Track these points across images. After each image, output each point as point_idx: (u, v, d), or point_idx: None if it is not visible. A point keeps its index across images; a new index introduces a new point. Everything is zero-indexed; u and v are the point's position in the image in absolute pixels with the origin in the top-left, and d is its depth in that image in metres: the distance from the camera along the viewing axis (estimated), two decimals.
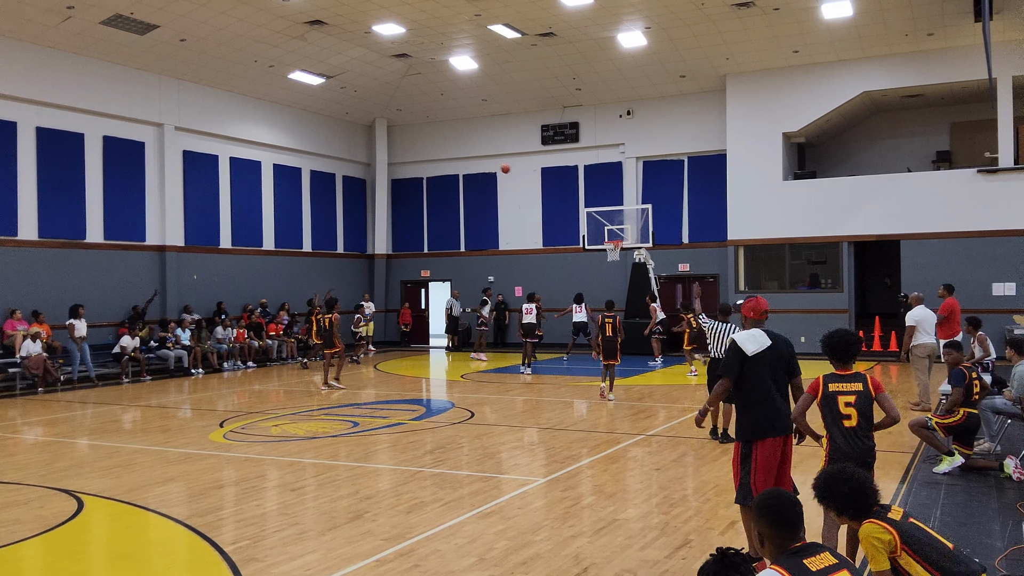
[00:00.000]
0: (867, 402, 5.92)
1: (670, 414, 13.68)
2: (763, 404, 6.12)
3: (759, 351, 6.15)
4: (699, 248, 25.40)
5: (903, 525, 4.04)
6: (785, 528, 3.54)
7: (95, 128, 20.72)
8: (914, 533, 4.03)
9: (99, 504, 8.29)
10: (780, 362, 6.20)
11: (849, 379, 5.98)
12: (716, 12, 20.03)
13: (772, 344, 6.19)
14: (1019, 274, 20.97)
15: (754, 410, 6.15)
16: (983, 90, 21.46)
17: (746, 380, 6.18)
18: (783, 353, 6.22)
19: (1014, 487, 8.36)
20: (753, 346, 6.17)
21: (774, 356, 6.18)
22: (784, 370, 6.21)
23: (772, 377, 6.16)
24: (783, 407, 6.16)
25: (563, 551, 6.53)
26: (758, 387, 6.14)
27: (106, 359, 19.82)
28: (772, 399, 6.12)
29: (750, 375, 6.16)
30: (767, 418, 6.09)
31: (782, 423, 6.11)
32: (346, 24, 20.62)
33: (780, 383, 6.20)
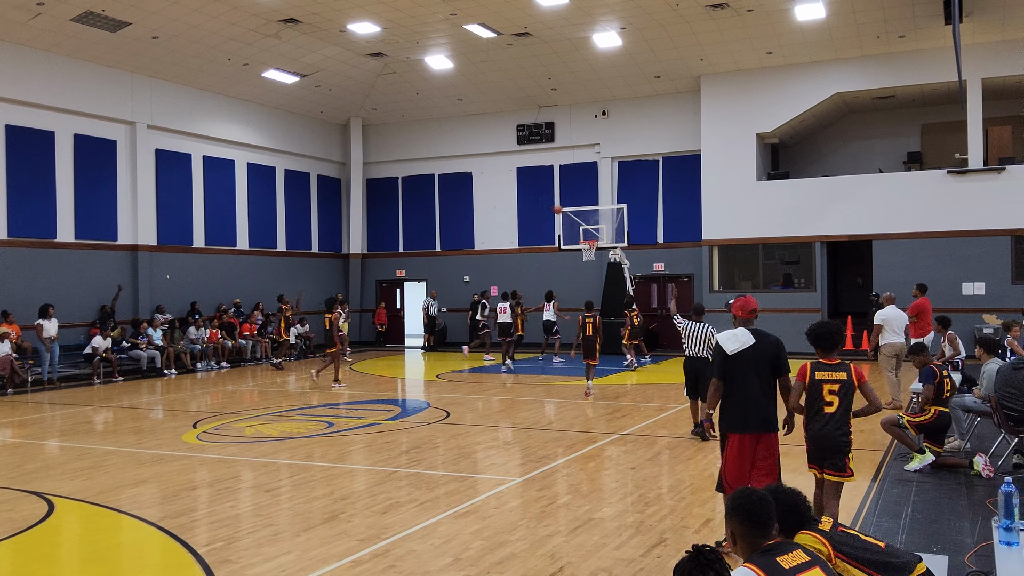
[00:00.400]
0: (850, 391, 6.19)
1: (645, 413, 13.74)
2: (740, 400, 6.32)
3: (739, 350, 6.32)
4: (674, 248, 25.52)
5: (833, 535, 4.15)
6: (757, 527, 3.56)
7: (66, 126, 20.49)
8: (844, 540, 4.16)
9: (70, 506, 8.20)
10: (763, 361, 6.32)
11: (835, 368, 6.23)
12: (690, 13, 20.14)
13: (755, 343, 6.32)
14: (988, 274, 21.26)
15: (732, 405, 6.37)
16: (953, 92, 21.72)
17: (727, 377, 6.39)
18: (767, 352, 6.33)
19: (984, 484, 8.47)
20: (733, 345, 6.35)
21: (756, 354, 6.31)
22: (768, 369, 6.33)
23: (755, 375, 6.30)
24: (763, 405, 6.30)
25: (539, 550, 6.54)
26: (736, 384, 6.33)
27: (77, 359, 19.60)
28: (749, 396, 6.29)
29: (731, 372, 6.36)
30: (742, 413, 6.31)
31: (757, 420, 6.28)
32: (321, 22, 20.53)
33: (763, 381, 6.34)
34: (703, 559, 3.12)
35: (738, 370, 6.33)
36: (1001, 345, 11.82)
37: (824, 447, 6.20)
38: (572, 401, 15.21)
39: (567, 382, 18.11)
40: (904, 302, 14.69)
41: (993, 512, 6.87)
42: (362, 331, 29.33)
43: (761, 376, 6.32)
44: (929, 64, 21.62)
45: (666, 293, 25.74)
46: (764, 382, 6.34)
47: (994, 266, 21.21)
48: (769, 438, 6.31)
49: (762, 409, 6.30)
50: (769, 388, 6.36)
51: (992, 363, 9.79)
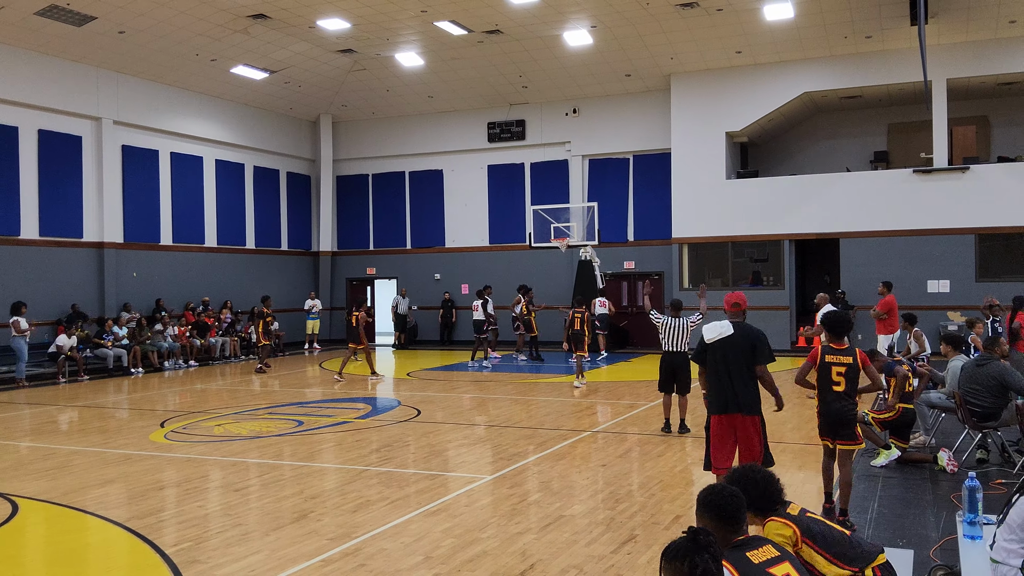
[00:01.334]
0: (855, 373, 6.99)
1: (615, 410, 13.79)
2: (716, 385, 7.05)
3: (715, 339, 7.02)
4: (644, 246, 25.64)
5: (801, 520, 4.21)
6: (727, 522, 3.58)
7: (30, 121, 20.19)
8: (811, 526, 4.21)
9: (35, 507, 8.08)
10: (737, 350, 6.96)
11: (842, 352, 7.01)
12: (661, 12, 20.23)
13: (732, 335, 6.99)
14: (953, 272, 21.57)
15: (711, 389, 7.11)
16: (919, 92, 22.01)
17: (707, 364, 7.14)
18: (741, 343, 6.97)
19: (948, 479, 8.59)
20: (710, 334, 7.06)
21: (730, 345, 6.98)
22: (744, 358, 6.95)
23: (726, 363, 6.96)
24: (738, 389, 6.93)
25: (509, 548, 6.54)
26: (712, 370, 7.07)
27: (42, 358, 19.32)
28: (723, 381, 6.97)
29: (709, 360, 7.10)
30: (717, 397, 7.02)
31: (733, 403, 6.94)
32: (290, 18, 20.38)
33: (737, 369, 6.95)
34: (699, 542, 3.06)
35: (716, 357, 7.01)
36: (965, 342, 12.00)
37: (835, 421, 6.98)
38: (543, 399, 15.24)
39: (538, 380, 18.14)
40: (871, 299, 14.88)
41: (957, 507, 6.97)
42: (332, 329, 29.18)
43: (735, 364, 6.93)
44: (895, 64, 21.89)
45: (637, 291, 25.87)
46: (739, 369, 6.92)
47: (958, 264, 21.52)
48: (748, 420, 6.92)
49: (737, 393, 6.91)
50: (747, 375, 6.94)
51: (957, 360, 9.94)
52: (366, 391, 17.28)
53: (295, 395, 16.28)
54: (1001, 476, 8.61)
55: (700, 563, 2.99)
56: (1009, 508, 4.12)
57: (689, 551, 3.03)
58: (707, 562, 3.00)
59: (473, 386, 17.38)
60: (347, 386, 17.91)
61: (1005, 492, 7.64)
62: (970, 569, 4.30)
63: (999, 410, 8.94)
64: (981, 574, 4.19)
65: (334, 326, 29.28)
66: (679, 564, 3.02)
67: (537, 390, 16.41)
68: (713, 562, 3.03)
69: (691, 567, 2.99)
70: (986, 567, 4.21)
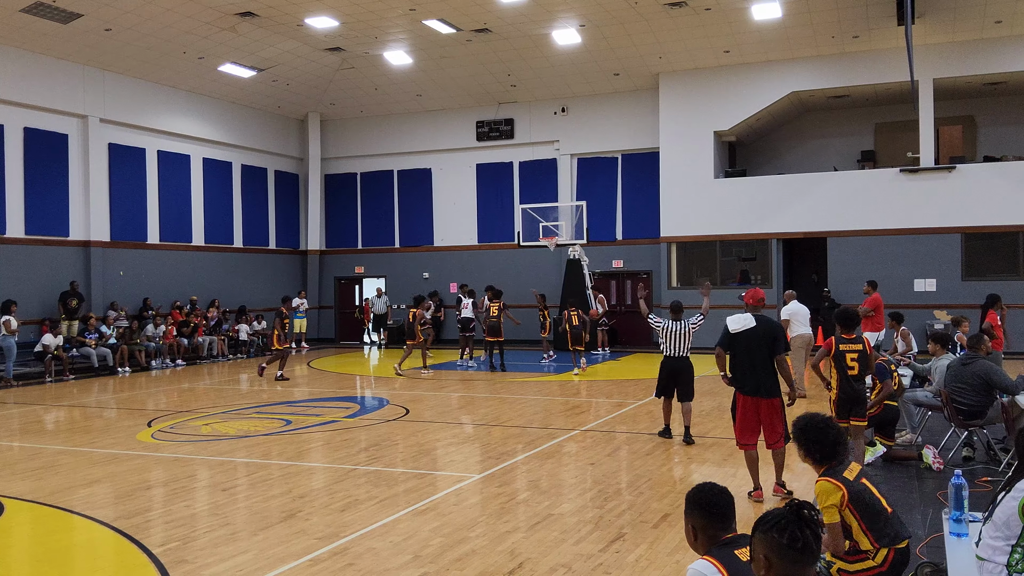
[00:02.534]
0: (865, 358, 8.15)
1: (604, 409, 13.81)
2: (739, 369, 8.01)
3: (740, 330, 7.96)
4: (632, 245, 25.68)
5: (853, 484, 4.56)
6: (717, 519, 3.58)
7: (15, 119, 20.06)
8: (861, 492, 4.55)
9: (21, 507, 8.03)
10: (760, 340, 7.91)
11: (852, 341, 8.14)
12: (649, 11, 20.25)
13: (755, 326, 7.93)
14: (939, 271, 21.68)
15: (736, 372, 8.05)
16: (905, 92, 22.11)
17: (731, 351, 8.08)
18: (763, 334, 7.93)
19: (933, 476, 8.64)
20: (735, 326, 8.01)
21: (753, 335, 7.91)
22: (765, 347, 7.89)
23: (749, 351, 7.90)
24: (760, 375, 7.89)
25: (498, 546, 6.55)
26: (737, 356, 8.03)
27: (28, 358, 19.20)
28: (746, 366, 7.94)
29: (734, 347, 8.04)
30: (743, 380, 7.97)
31: (753, 386, 7.89)
32: (278, 16, 20.31)
33: (759, 356, 7.89)
34: (803, 516, 2.87)
35: (740, 346, 7.96)
36: (952, 340, 12.06)
37: (851, 400, 8.08)
38: (531, 398, 15.25)
39: (527, 379, 18.15)
40: (858, 298, 14.99)
41: (943, 504, 7.02)
42: (320, 328, 29.12)
43: (757, 352, 7.88)
44: (882, 64, 21.97)
45: (625, 289, 25.90)
46: (760, 357, 7.88)
47: (945, 263, 21.64)
48: (769, 402, 7.89)
49: (759, 378, 7.88)
50: (767, 362, 7.91)
51: (943, 358, 9.99)
52: (355, 390, 17.25)
53: (283, 394, 16.24)
54: (987, 474, 8.67)
55: (801, 538, 2.82)
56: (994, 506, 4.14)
57: (790, 523, 2.86)
58: (808, 538, 2.83)
59: (461, 385, 17.37)
60: (335, 385, 17.87)
61: (991, 490, 7.70)
62: (956, 566, 4.32)
63: (985, 408, 9.00)
64: (967, 571, 4.21)
65: (322, 325, 29.22)
66: (777, 536, 2.85)
67: (526, 389, 16.42)
68: (815, 540, 2.85)
69: (791, 540, 2.82)
70: (972, 564, 4.24)
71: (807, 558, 2.81)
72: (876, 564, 4.47)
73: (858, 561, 4.45)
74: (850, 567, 4.47)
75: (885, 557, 4.46)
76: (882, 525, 4.49)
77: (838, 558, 4.63)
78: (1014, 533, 4.01)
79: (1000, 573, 4.03)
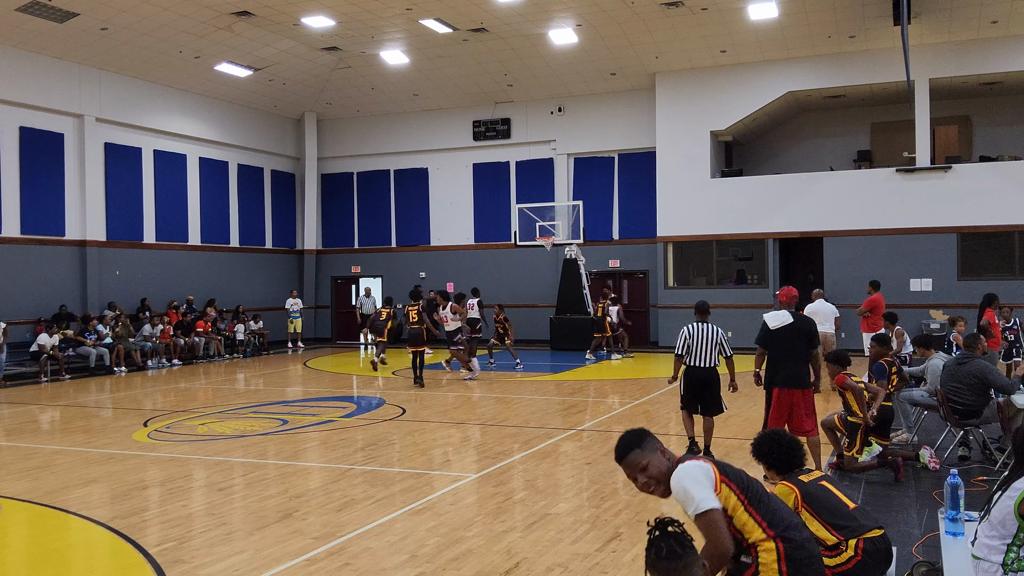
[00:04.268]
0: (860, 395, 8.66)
1: (601, 408, 13.82)
2: (777, 363, 8.38)
3: (780, 326, 8.39)
4: (629, 244, 25.69)
5: (808, 486, 4.73)
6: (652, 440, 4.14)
7: (11, 118, 20.03)
8: (815, 493, 4.72)
9: (16, 507, 8.02)
10: (797, 335, 8.38)
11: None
12: (646, 11, 20.26)
13: (792, 322, 8.41)
14: (935, 270, 21.71)
15: (773, 366, 8.43)
16: (902, 92, 22.14)
17: (769, 347, 8.50)
18: (800, 330, 8.42)
19: (930, 476, 8.65)
20: (775, 322, 8.43)
21: (791, 331, 8.39)
22: (803, 343, 8.39)
23: (789, 346, 8.35)
24: (797, 368, 8.33)
25: (495, 546, 6.55)
26: (776, 351, 8.44)
27: (23, 357, 19.17)
28: (785, 361, 8.34)
29: (772, 343, 8.45)
30: (778, 373, 8.35)
31: (789, 379, 8.28)
32: (274, 15, 20.29)
33: (795, 351, 8.35)
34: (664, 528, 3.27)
35: (776, 342, 8.39)
36: (947, 340, 12.08)
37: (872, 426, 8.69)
38: (528, 397, 15.25)
39: (523, 378, 18.14)
40: (854, 298, 15.00)
41: (939, 503, 7.02)
42: (317, 328, 29.10)
43: (794, 346, 8.32)
44: (878, 64, 22.00)
45: (622, 289, 25.88)
46: (796, 351, 8.33)
47: (941, 263, 21.66)
48: (802, 392, 8.30)
49: (793, 370, 8.29)
50: (802, 356, 8.37)
51: (937, 358, 10.01)
52: (351, 390, 17.24)
53: (279, 394, 16.22)
54: (983, 473, 8.68)
55: (665, 547, 3.20)
56: (991, 505, 4.15)
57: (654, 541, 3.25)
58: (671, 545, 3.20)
59: (458, 385, 17.37)
60: (332, 384, 17.86)
61: (987, 489, 7.71)
62: (952, 565, 4.33)
63: (981, 408, 9.01)
64: (963, 570, 4.22)
65: (319, 325, 29.20)
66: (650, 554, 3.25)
67: (523, 389, 16.42)
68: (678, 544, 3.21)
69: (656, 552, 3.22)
70: (968, 563, 4.24)
71: (675, 563, 3.18)
72: (852, 554, 4.62)
73: (835, 556, 4.62)
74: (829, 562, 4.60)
75: (856, 547, 4.62)
76: (840, 519, 4.66)
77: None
78: (1010, 532, 4.02)
79: (996, 572, 4.03)
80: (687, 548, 3.20)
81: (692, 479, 3.79)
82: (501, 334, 20.22)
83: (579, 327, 23.81)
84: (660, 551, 3.19)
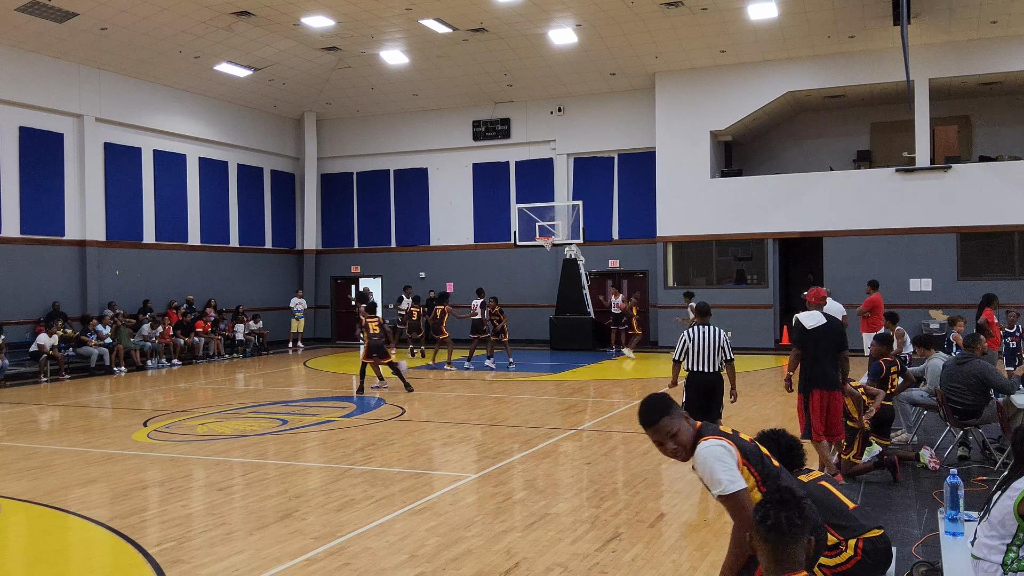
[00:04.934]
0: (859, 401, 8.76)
1: (601, 408, 13.82)
2: (815, 365, 8.17)
3: (816, 326, 8.24)
4: (629, 244, 25.68)
5: (808, 486, 4.70)
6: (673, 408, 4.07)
7: (11, 118, 20.02)
8: (815, 493, 4.67)
9: (16, 507, 8.02)
10: (832, 336, 8.24)
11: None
12: (645, 11, 20.26)
13: (826, 323, 8.27)
14: (935, 270, 21.71)
15: (809, 369, 8.21)
16: (901, 92, 22.13)
17: (805, 348, 8.26)
18: (834, 330, 8.30)
19: (930, 476, 8.65)
20: (811, 322, 8.28)
21: (827, 332, 8.24)
22: (834, 344, 8.22)
23: (824, 347, 8.17)
24: (830, 369, 8.17)
25: (495, 546, 6.55)
26: (811, 353, 8.22)
27: (23, 357, 19.17)
28: (821, 362, 8.16)
29: (808, 344, 8.23)
30: (816, 375, 8.15)
31: (827, 380, 8.14)
32: (274, 15, 20.29)
33: (830, 352, 8.19)
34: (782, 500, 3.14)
35: (812, 343, 8.21)
36: (947, 340, 12.08)
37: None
38: (527, 397, 15.25)
39: (522, 378, 18.14)
40: (853, 298, 14.98)
41: (939, 503, 7.03)
42: (317, 328, 29.10)
43: (827, 348, 8.17)
44: (878, 64, 22.00)
45: (622, 289, 25.84)
46: (830, 352, 8.18)
47: (940, 263, 21.67)
48: (835, 394, 8.19)
49: (831, 372, 8.16)
50: (835, 357, 8.22)
51: (937, 358, 10.01)
52: (351, 390, 17.24)
53: (279, 394, 16.22)
54: (982, 473, 8.69)
55: (772, 517, 3.09)
56: (990, 505, 4.15)
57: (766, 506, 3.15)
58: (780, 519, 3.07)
59: (458, 385, 17.37)
60: (332, 385, 17.86)
61: (986, 489, 7.71)
62: (952, 565, 4.33)
63: (980, 408, 9.01)
64: (962, 570, 4.22)
65: (319, 325, 29.20)
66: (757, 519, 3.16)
67: (523, 388, 16.42)
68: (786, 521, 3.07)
69: (762, 518, 3.12)
70: (967, 563, 4.24)
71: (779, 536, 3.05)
72: (852, 554, 4.65)
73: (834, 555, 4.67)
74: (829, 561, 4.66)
75: (855, 547, 4.65)
76: (841, 519, 4.68)
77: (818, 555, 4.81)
78: (1009, 532, 4.02)
79: (996, 572, 4.04)
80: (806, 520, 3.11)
81: (716, 458, 3.84)
82: (497, 328, 20.19)
83: (579, 327, 23.81)
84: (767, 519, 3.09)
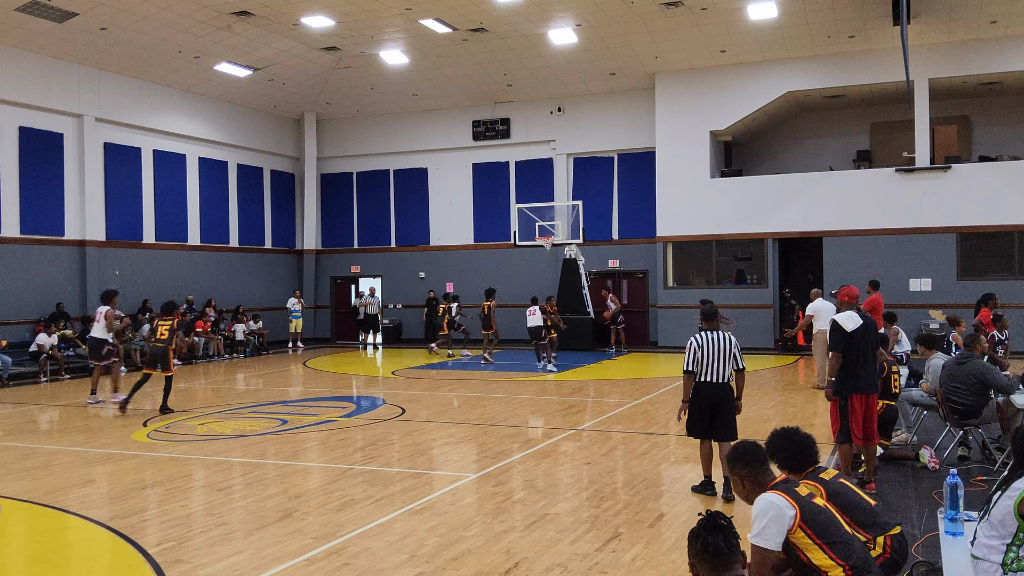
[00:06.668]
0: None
1: (601, 408, 13.81)
2: (857, 367, 7.84)
3: (856, 328, 7.87)
4: (628, 244, 25.69)
5: (831, 484, 4.80)
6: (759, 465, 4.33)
7: (10, 118, 20.03)
8: (839, 490, 4.78)
9: (16, 507, 8.02)
10: (870, 336, 7.97)
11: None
12: (645, 11, 20.26)
13: (864, 323, 7.92)
14: (935, 270, 21.72)
15: (851, 372, 7.84)
16: (901, 92, 22.14)
17: (847, 350, 7.84)
18: (872, 330, 8.02)
19: (930, 476, 8.65)
20: (851, 325, 7.89)
21: (866, 332, 7.91)
22: (873, 343, 8.03)
23: (865, 349, 7.87)
24: (871, 372, 7.95)
25: (494, 546, 6.54)
26: (853, 355, 7.84)
27: (23, 357, 19.16)
28: (863, 364, 7.87)
29: (849, 346, 7.83)
30: (859, 378, 7.84)
31: (868, 384, 7.90)
32: (274, 15, 20.29)
33: (870, 352, 7.97)
34: (716, 525, 3.31)
35: (853, 345, 7.82)
36: (947, 340, 12.08)
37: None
38: (528, 397, 15.25)
39: (522, 378, 18.14)
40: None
41: (939, 503, 7.02)
42: (316, 328, 29.10)
43: (865, 349, 7.88)
44: (878, 64, 22.00)
45: (621, 289, 25.86)
46: (870, 352, 7.96)
47: (940, 263, 21.67)
48: (872, 397, 8.00)
49: (871, 374, 7.96)
50: (874, 358, 8.04)
51: (937, 358, 10.00)
52: (351, 390, 17.23)
53: (279, 394, 16.22)
54: (982, 473, 8.68)
55: (712, 543, 3.26)
56: (990, 505, 4.15)
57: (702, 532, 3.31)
58: (719, 543, 3.26)
59: (458, 385, 17.37)
60: (331, 384, 17.86)
61: (986, 489, 7.71)
62: (951, 565, 4.33)
63: (980, 408, 9.01)
64: (962, 570, 4.22)
65: (319, 325, 29.20)
66: (693, 544, 3.32)
67: (522, 388, 16.42)
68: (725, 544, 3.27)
69: (703, 546, 3.28)
70: (967, 563, 4.24)
71: (721, 560, 3.25)
72: (881, 551, 4.69)
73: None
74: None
75: (884, 544, 4.70)
76: (865, 516, 4.73)
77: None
78: (1009, 532, 4.02)
79: (995, 572, 4.04)
80: (733, 548, 3.29)
81: (761, 510, 4.13)
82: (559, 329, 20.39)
83: (579, 327, 23.80)
84: (707, 545, 3.28)
